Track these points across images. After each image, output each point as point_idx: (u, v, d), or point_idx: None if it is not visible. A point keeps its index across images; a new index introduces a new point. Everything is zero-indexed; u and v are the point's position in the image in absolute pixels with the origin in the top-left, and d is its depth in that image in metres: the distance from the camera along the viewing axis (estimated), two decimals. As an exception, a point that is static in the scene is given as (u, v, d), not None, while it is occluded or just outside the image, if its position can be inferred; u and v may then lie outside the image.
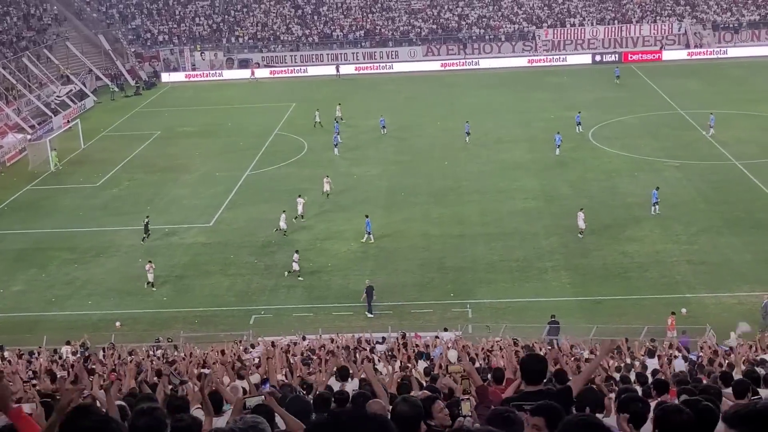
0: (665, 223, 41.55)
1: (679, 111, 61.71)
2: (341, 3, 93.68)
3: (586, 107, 61.42)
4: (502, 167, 51.39)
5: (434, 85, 75.65)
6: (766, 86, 67.87)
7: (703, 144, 53.69)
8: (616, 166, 50.31)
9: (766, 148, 51.62)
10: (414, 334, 30.62)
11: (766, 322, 31.72)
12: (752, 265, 36.82)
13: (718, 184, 46.08)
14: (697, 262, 37.43)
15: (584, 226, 40.38)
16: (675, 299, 34.10)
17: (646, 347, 25.10)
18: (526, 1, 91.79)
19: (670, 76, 73.32)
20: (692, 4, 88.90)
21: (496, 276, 37.40)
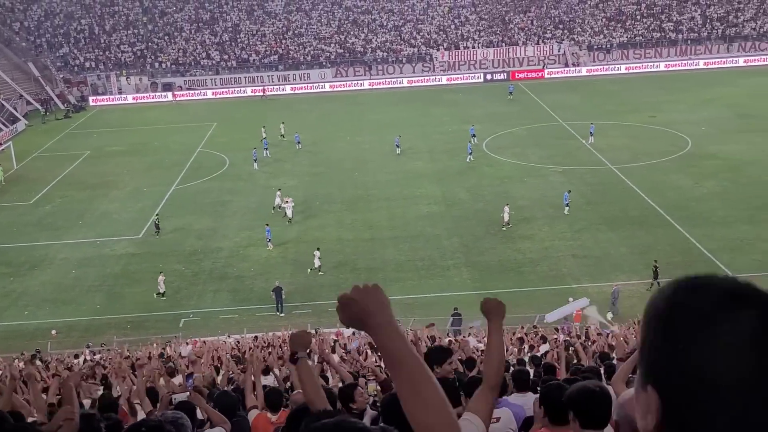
0: (552, 222, 42.35)
1: (561, 122, 63.07)
2: (256, 30, 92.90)
3: (479, 121, 62.28)
4: (406, 176, 51.65)
5: (343, 103, 75.63)
6: (635, 99, 69.93)
7: (582, 151, 54.97)
8: (508, 173, 51.10)
9: (637, 154, 53.18)
10: (337, 331, 30.40)
11: (616, 308, 32.64)
12: (628, 257, 37.85)
13: (597, 187, 47.22)
14: (580, 256, 38.27)
15: (508, 219, 41.30)
16: (563, 290, 34.82)
17: (540, 333, 25.52)
18: (423, 27, 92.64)
19: (552, 92, 74.91)
20: (569, 28, 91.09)
21: (404, 275, 37.52)
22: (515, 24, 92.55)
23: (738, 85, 72.97)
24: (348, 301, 2.47)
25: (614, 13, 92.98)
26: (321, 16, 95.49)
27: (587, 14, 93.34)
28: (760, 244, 38.25)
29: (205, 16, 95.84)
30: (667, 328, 1.61)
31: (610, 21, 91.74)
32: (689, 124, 59.75)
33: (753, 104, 65.36)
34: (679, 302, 1.62)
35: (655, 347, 1.64)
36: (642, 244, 39.07)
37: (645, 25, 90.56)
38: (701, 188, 46.31)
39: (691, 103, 67.26)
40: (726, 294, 1.58)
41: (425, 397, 2.26)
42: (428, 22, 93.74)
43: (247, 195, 49.76)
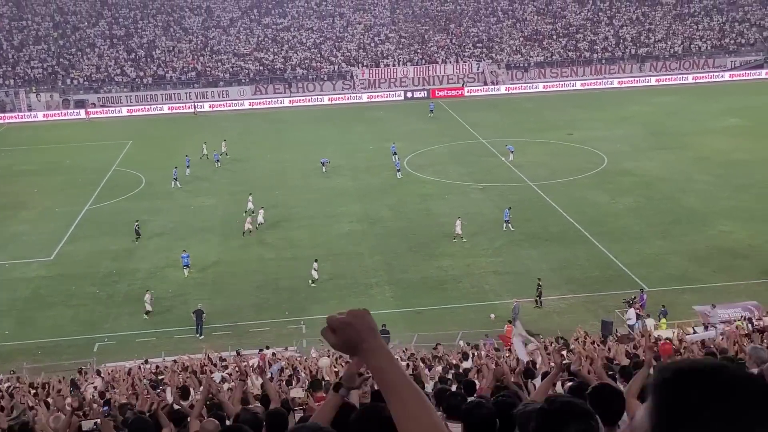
0: (474, 239, 42.84)
1: (481, 140, 64.03)
2: (173, 46, 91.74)
3: (401, 138, 62.74)
4: (328, 194, 51.58)
5: (263, 121, 75.19)
6: (551, 117, 71.56)
7: (502, 168, 55.89)
8: (429, 191, 51.55)
9: (555, 171, 54.35)
10: (259, 353, 29.98)
11: (515, 317, 33.23)
12: (547, 273, 38.50)
13: (517, 203, 47.98)
14: (502, 273, 38.80)
15: (461, 232, 41.90)
16: (485, 306, 35.21)
17: (462, 350, 25.71)
18: (344, 45, 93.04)
19: (472, 110, 76.04)
20: (488, 47, 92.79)
21: (326, 294, 37.36)
22: (435, 42, 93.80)
23: (650, 104, 75.44)
24: (343, 325, 2.44)
25: (531, 33, 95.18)
26: (239, 33, 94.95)
27: (505, 34, 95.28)
28: (673, 258, 39.48)
29: (120, 32, 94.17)
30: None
31: (528, 40, 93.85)
32: (605, 141, 61.41)
33: (665, 122, 67.65)
34: (711, 402, 1.55)
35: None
36: (562, 260, 39.85)
37: (561, 44, 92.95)
38: (617, 204, 47.58)
39: (606, 120, 69.17)
40: (757, 397, 1.54)
41: (420, 420, 2.29)
42: (348, 40, 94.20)
43: (165, 214, 48.89)
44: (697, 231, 42.65)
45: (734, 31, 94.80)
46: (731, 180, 50.80)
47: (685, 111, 71.83)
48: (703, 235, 42.12)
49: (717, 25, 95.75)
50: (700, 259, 39.09)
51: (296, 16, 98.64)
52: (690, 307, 33.35)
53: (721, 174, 52.08)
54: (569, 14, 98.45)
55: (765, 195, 47.54)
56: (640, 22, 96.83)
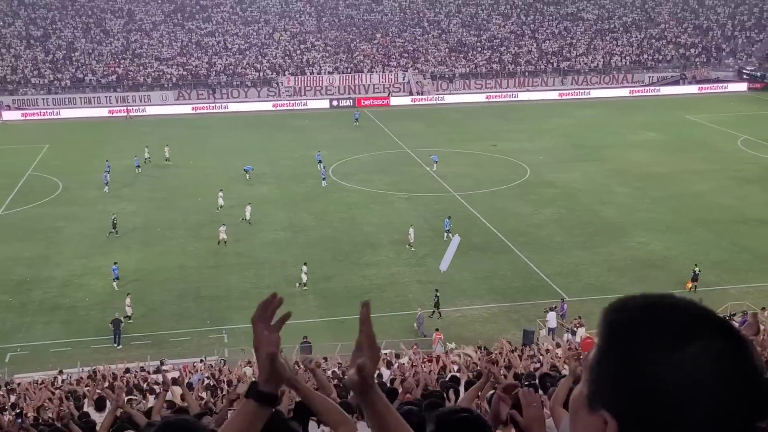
0: (397, 247, 43.06)
1: (406, 150, 64.47)
2: (93, 49, 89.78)
3: (326, 147, 62.71)
4: (252, 202, 51.10)
5: (186, 127, 74.13)
6: (476, 128, 72.55)
7: (427, 178, 56.36)
8: (354, 200, 51.61)
9: (479, 181, 55.09)
10: (183, 366, 29.50)
11: (421, 331, 33.59)
12: (471, 283, 39.01)
13: (442, 213, 48.38)
14: (425, 282, 39.05)
15: (413, 240, 42.48)
16: (409, 316, 35.42)
17: (385, 359, 25.77)
18: (269, 51, 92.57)
19: (398, 119, 76.52)
20: (414, 57, 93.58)
21: (249, 302, 36.89)
22: (361, 51, 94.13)
23: (572, 117, 77.19)
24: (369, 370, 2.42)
25: (456, 44, 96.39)
26: (162, 37, 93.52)
27: (430, 44, 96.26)
28: (592, 268, 40.42)
29: (37, 33, 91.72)
30: (629, 350, 1.56)
31: (452, 51, 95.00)
32: (528, 152, 62.54)
33: (585, 135, 69.30)
34: (644, 324, 1.57)
35: (613, 370, 1.58)
36: (485, 270, 40.38)
37: (485, 56, 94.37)
38: (539, 215, 48.47)
39: (529, 132, 70.45)
40: (693, 319, 1.56)
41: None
42: (274, 47, 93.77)
43: (82, 220, 47.70)
44: (615, 242, 43.77)
45: (652, 47, 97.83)
46: (648, 192, 52.33)
47: (605, 124, 73.72)
48: (621, 246, 43.25)
49: (636, 41, 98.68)
50: (619, 270, 40.12)
51: (221, 21, 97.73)
52: (608, 316, 34.10)
53: (639, 186, 53.61)
54: (494, 27, 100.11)
55: (680, 207, 49.12)
56: (562, 36, 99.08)
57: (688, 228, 45.61)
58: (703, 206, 49.15)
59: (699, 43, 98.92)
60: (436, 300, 35.72)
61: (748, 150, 63.33)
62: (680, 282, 38.03)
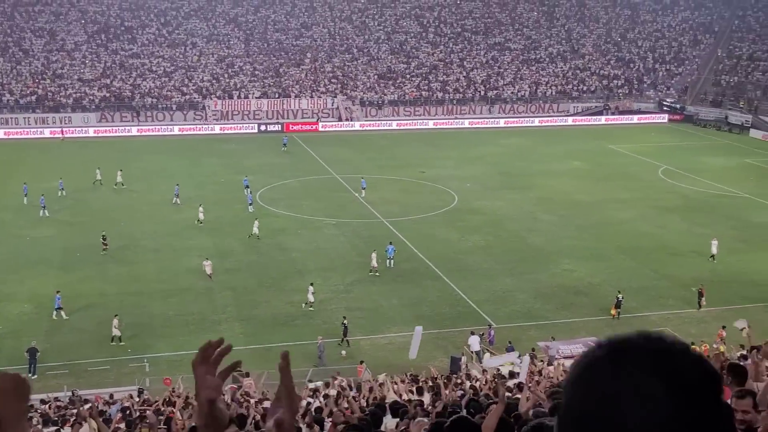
0: (325, 274, 42.91)
1: (335, 175, 64.51)
2: (11, 68, 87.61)
3: (253, 172, 62.31)
4: (177, 227, 50.41)
5: (109, 150, 72.68)
6: (404, 154, 73.08)
7: (355, 204, 56.46)
8: (282, 225, 51.32)
9: (407, 208, 55.43)
10: (95, 395, 28.65)
11: (322, 362, 33.32)
12: (399, 309, 39.10)
13: (369, 239, 48.51)
14: (353, 309, 38.98)
15: (376, 265, 42.66)
16: (336, 343, 35.27)
17: (312, 387, 25.60)
18: (196, 74, 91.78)
19: (326, 145, 76.58)
20: (343, 83, 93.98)
21: (172, 330, 36.33)
22: (289, 76, 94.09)
23: (499, 145, 78.45)
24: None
25: (385, 71, 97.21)
26: (85, 58, 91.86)
27: (359, 71, 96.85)
28: (519, 295, 40.96)
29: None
30: (586, 384, 1.62)
31: (381, 78, 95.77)
32: (456, 180, 63.26)
33: (512, 163, 70.48)
34: (599, 360, 1.64)
35: (576, 405, 1.64)
36: (412, 296, 40.53)
37: (414, 83, 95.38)
38: (467, 242, 48.97)
39: (457, 160, 71.30)
40: (646, 355, 1.60)
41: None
42: (201, 70, 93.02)
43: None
44: (541, 269, 44.48)
45: (577, 78, 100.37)
46: (573, 220, 53.42)
47: (532, 153, 75.13)
48: (547, 272, 43.97)
49: (561, 71, 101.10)
50: (545, 296, 40.75)
51: (146, 43, 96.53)
52: (534, 342, 34.64)
53: (564, 214, 54.69)
54: (422, 55, 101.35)
55: (603, 235, 50.26)
56: (489, 65, 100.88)
57: (611, 255, 46.68)
58: (625, 234, 50.39)
59: (621, 74, 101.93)
60: (344, 328, 35.54)
61: (668, 179, 65.31)
62: (604, 309, 38.84)
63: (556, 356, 32.13)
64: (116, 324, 35.01)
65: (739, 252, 46.71)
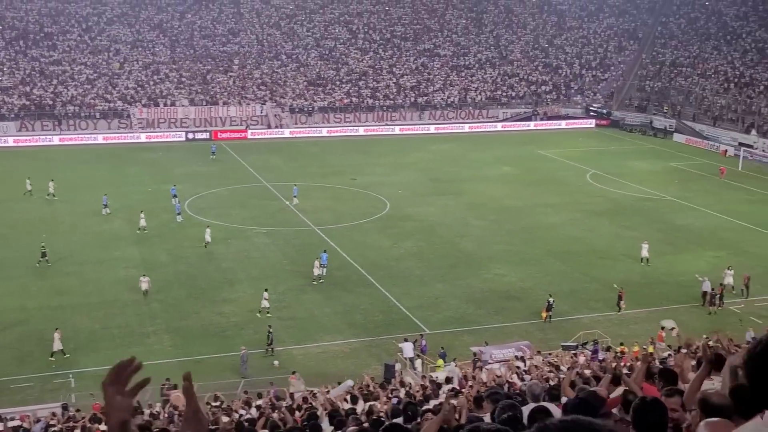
0: (256, 284, 42.48)
1: (264, 183, 64.03)
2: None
3: (181, 181, 61.43)
4: (102, 238, 49.33)
5: (29, 160, 70.73)
6: (335, 162, 72.99)
7: (286, 212, 56.12)
8: (211, 234, 50.52)
9: (338, 215, 55.33)
10: (21, 415, 27.75)
11: (243, 371, 32.99)
12: (332, 318, 38.97)
13: (301, 248, 48.30)
14: (285, 318, 38.71)
15: (318, 273, 42.63)
16: (262, 354, 34.99)
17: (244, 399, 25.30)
18: (120, 82, 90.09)
19: (256, 153, 75.96)
20: (272, 90, 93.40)
21: (98, 344, 35.47)
22: (217, 83, 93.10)
23: (430, 151, 78.96)
24: None
25: (314, 78, 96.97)
26: (3, 65, 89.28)
27: (289, 77, 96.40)
28: (452, 300, 41.23)
29: None
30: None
31: (311, 85, 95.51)
32: (387, 186, 63.42)
33: (443, 169, 71.01)
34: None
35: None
36: (345, 304, 40.44)
37: (344, 90, 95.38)
38: (399, 248, 49.11)
39: (388, 166, 71.51)
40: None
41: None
42: (125, 77, 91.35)
43: None
44: (473, 274, 44.87)
45: (505, 84, 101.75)
46: (503, 225, 54.07)
47: (462, 159, 75.82)
48: (479, 278, 44.38)
49: (490, 77, 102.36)
50: (477, 301, 41.11)
51: (67, 49, 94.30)
52: (467, 348, 34.91)
53: (495, 219, 55.32)
54: (352, 61, 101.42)
55: (533, 239, 50.99)
56: (419, 71, 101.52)
57: (541, 259, 47.37)
58: (555, 238, 51.21)
59: (549, 80, 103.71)
60: (269, 337, 35.25)
61: (596, 184, 66.64)
62: (536, 312, 39.38)
63: (489, 361, 32.44)
64: (58, 337, 34.12)
65: (665, 254, 47.90)
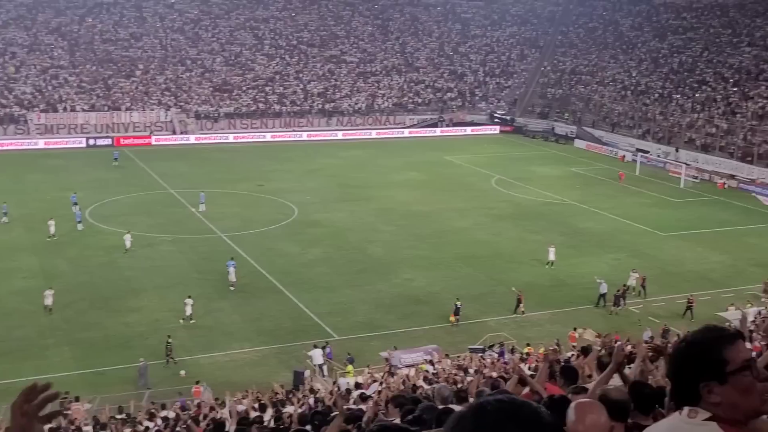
0: (162, 292, 41.70)
1: (170, 190, 62.88)
2: None
3: (82, 188, 59.77)
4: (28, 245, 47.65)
5: None
6: (243, 168, 72.29)
7: (192, 219, 55.23)
8: (114, 243, 49.33)
9: (246, 222, 54.80)
10: None
11: (141, 384, 32.32)
12: (240, 325, 38.52)
13: (208, 255, 47.61)
14: (193, 327, 38.05)
15: (235, 280, 41.96)
16: (173, 364, 34.33)
17: (149, 410, 24.78)
18: (16, 86, 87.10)
19: (160, 159, 74.54)
20: (176, 95, 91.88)
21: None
22: (119, 88, 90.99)
23: (338, 157, 79.01)
24: None
25: (220, 83, 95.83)
26: None
27: (194, 83, 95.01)
28: (361, 306, 41.31)
29: None
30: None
31: (217, 90, 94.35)
32: (295, 193, 63.13)
33: (351, 175, 71.16)
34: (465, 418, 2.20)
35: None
36: (254, 311, 40.03)
37: (251, 96, 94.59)
38: (308, 254, 48.93)
39: (296, 173, 71.23)
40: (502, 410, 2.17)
41: None
42: (21, 82, 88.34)
43: None
44: (382, 279, 45.08)
45: (412, 90, 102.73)
46: (412, 230, 54.52)
47: (370, 165, 76.15)
48: (388, 283, 44.60)
49: (396, 84, 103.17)
50: (386, 306, 41.30)
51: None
52: (377, 353, 35.05)
53: (403, 224, 55.73)
54: (258, 67, 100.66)
55: (440, 244, 51.57)
56: (326, 78, 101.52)
57: (449, 264, 47.95)
58: (462, 243, 51.92)
59: (455, 87, 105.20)
60: (168, 347, 34.55)
61: (502, 189, 67.92)
62: (444, 316, 39.81)
63: (398, 365, 32.64)
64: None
65: (569, 257, 49.11)
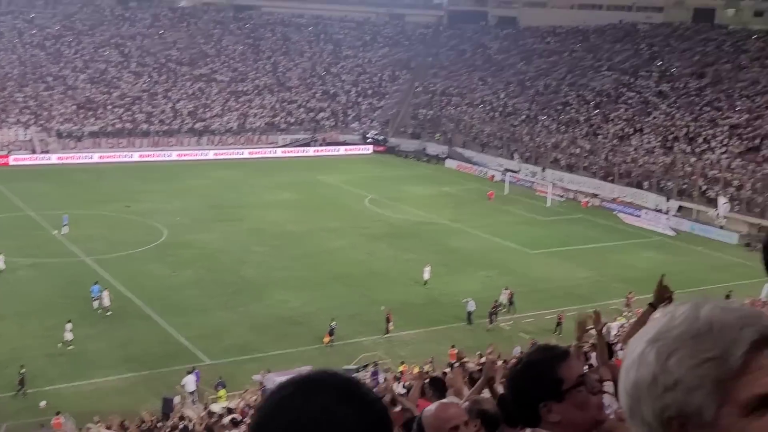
0: (21, 320, 39.61)
1: (29, 213, 60.04)
2: None
3: (-68, 210, 56.24)
4: None
5: None
6: (109, 189, 69.86)
7: (54, 243, 52.87)
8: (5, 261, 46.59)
9: (113, 244, 52.84)
10: None
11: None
12: (106, 352, 36.98)
13: (72, 279, 45.59)
14: (55, 354, 36.26)
15: (108, 304, 40.42)
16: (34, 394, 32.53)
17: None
18: None
19: (19, 180, 71.05)
20: (36, 113, 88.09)
21: None
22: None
23: (209, 177, 77.46)
24: None
25: (84, 101, 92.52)
26: None
27: (55, 101, 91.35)
28: (235, 328, 40.42)
29: None
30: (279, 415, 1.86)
31: (81, 108, 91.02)
32: (164, 214, 61.42)
33: (223, 195, 69.90)
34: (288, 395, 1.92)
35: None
36: (121, 337, 38.52)
37: (117, 114, 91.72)
38: (179, 277, 47.62)
39: (165, 193, 69.36)
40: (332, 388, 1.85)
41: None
42: None
43: None
44: (256, 301, 44.32)
45: (284, 110, 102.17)
46: (285, 251, 53.94)
47: (243, 185, 75.02)
48: (262, 304, 43.88)
49: (269, 103, 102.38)
50: (260, 328, 40.57)
51: None
52: (250, 376, 34.30)
53: (277, 245, 55.09)
54: (124, 85, 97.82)
55: (315, 264, 51.23)
56: (196, 97, 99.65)
57: (324, 284, 47.64)
58: (337, 262, 51.76)
59: (327, 107, 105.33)
60: (21, 378, 32.74)
61: (375, 208, 68.27)
62: (318, 337, 39.46)
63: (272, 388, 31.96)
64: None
65: (441, 275, 49.66)
